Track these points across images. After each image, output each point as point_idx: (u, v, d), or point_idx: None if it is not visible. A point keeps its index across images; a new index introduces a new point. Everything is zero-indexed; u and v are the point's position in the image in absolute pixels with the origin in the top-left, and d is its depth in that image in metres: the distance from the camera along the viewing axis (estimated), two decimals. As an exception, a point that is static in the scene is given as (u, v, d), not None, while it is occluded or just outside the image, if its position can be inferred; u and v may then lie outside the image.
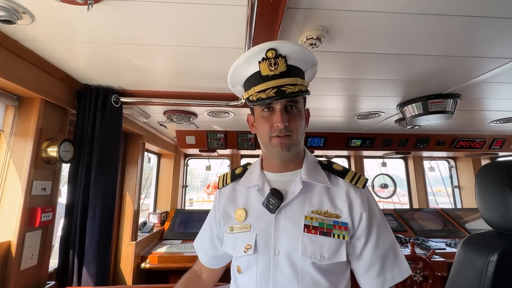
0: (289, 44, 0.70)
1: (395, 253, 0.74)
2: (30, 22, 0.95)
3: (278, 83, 0.69)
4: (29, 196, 1.25)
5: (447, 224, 2.96)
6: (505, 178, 0.66)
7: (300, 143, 0.78)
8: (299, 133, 0.74)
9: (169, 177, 3.16)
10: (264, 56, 0.70)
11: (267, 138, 0.74)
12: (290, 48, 0.70)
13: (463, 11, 0.88)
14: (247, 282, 0.75)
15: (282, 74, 0.69)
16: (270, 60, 0.69)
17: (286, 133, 0.72)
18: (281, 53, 0.69)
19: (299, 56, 0.71)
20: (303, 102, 0.78)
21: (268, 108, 0.74)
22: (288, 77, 0.69)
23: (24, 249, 1.22)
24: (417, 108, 1.70)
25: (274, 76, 0.70)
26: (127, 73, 1.40)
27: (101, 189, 1.49)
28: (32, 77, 1.22)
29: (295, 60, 0.72)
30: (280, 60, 0.69)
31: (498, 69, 1.29)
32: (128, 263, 2.05)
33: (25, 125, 1.28)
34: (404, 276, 0.72)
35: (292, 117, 0.72)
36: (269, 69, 0.70)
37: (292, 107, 0.73)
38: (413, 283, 1.85)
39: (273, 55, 0.69)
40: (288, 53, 0.70)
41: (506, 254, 0.62)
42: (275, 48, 0.69)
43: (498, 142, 2.89)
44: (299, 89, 0.69)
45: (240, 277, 0.78)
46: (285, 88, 0.69)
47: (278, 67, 0.69)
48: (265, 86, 0.70)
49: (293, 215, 0.74)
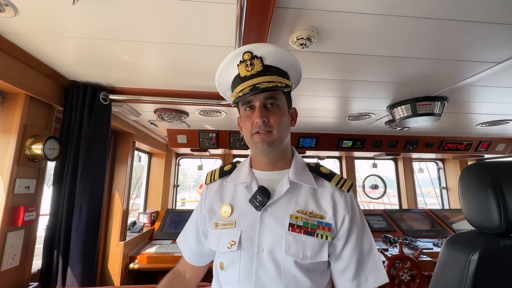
0: (264, 46, 0.74)
1: (372, 259, 0.76)
2: (14, 15, 0.92)
3: (255, 81, 0.73)
4: (12, 194, 1.21)
5: (434, 225, 3.02)
6: (487, 179, 0.68)
7: (283, 140, 0.79)
8: (280, 129, 0.76)
9: (160, 177, 3.12)
10: (241, 58, 0.74)
11: (249, 136, 0.77)
12: (264, 49, 0.73)
13: (449, 15, 0.90)
14: (230, 279, 0.76)
15: (258, 73, 0.73)
16: (246, 62, 0.74)
17: (266, 129, 0.74)
18: (257, 55, 0.73)
19: (275, 56, 0.74)
20: (284, 100, 0.79)
21: (250, 107, 0.77)
22: (264, 76, 0.73)
23: (6, 249, 1.18)
24: (406, 110, 1.73)
25: (251, 76, 0.74)
26: (116, 70, 1.38)
27: (88, 188, 1.46)
28: (16, 72, 1.18)
29: (272, 60, 0.75)
30: (256, 61, 0.73)
31: (483, 73, 1.33)
32: (116, 264, 2.01)
33: (8, 121, 1.24)
34: (380, 283, 0.74)
35: (272, 114, 0.75)
36: (246, 70, 0.74)
37: (272, 104, 0.76)
38: (400, 283, 1.88)
39: (249, 57, 0.73)
40: (263, 54, 0.74)
41: (487, 253, 0.63)
42: (250, 50, 0.73)
43: (484, 144, 2.97)
44: (274, 84, 0.72)
45: (222, 273, 0.78)
46: (260, 84, 0.72)
47: (254, 67, 0.74)
48: (243, 86, 0.74)
49: (279, 214, 0.75)
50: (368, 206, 6.65)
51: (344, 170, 3.60)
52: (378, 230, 2.84)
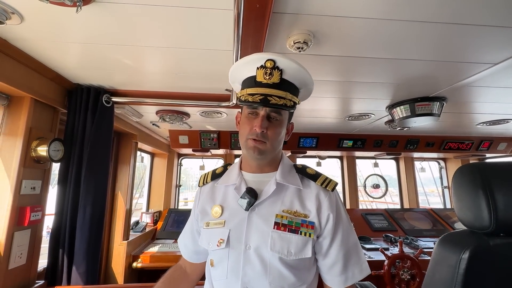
0: (288, 60, 0.74)
1: (357, 253, 0.80)
2: (19, 22, 0.95)
3: (267, 92, 0.74)
4: (18, 195, 1.25)
5: (436, 224, 3.02)
6: (477, 179, 0.69)
7: (274, 151, 0.82)
8: (274, 142, 0.79)
9: (162, 177, 3.16)
10: (263, 64, 0.75)
11: (244, 138, 0.79)
12: (288, 63, 0.74)
13: (447, 19, 0.91)
14: (219, 275, 0.80)
15: (274, 84, 0.74)
16: (266, 69, 0.74)
17: (262, 139, 0.76)
18: (279, 66, 0.74)
19: (294, 73, 0.76)
20: (287, 115, 0.82)
21: (254, 112, 0.79)
22: (278, 89, 0.74)
23: (13, 248, 1.22)
24: (405, 110, 1.73)
25: (267, 85, 0.74)
26: (118, 73, 1.41)
27: (91, 188, 1.49)
28: (21, 76, 1.22)
29: (290, 75, 0.76)
30: (276, 72, 0.74)
31: (481, 74, 1.33)
32: (119, 263, 2.05)
33: (15, 124, 1.28)
34: (364, 275, 0.78)
35: (272, 126, 0.77)
36: (264, 77, 0.75)
37: (275, 118, 0.78)
38: (401, 282, 1.90)
39: (271, 65, 0.74)
40: (285, 67, 0.75)
41: (477, 252, 0.65)
42: (274, 59, 0.74)
43: (486, 143, 2.96)
44: (283, 103, 0.74)
45: (212, 270, 0.82)
46: (271, 98, 0.73)
47: (272, 78, 0.74)
48: (255, 91, 0.75)
49: (265, 213, 0.79)
50: (370, 206, 6.64)
51: (345, 170, 3.61)
52: (379, 230, 2.85)
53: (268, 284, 0.73)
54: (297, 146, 2.87)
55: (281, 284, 0.74)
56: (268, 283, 0.73)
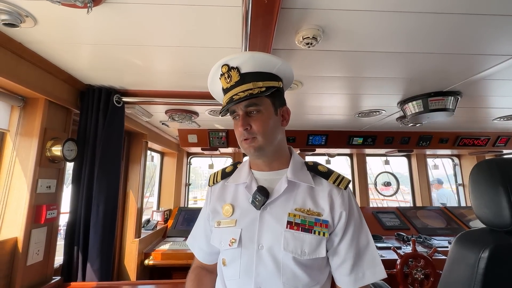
0: (238, 55, 0.75)
1: (370, 254, 0.77)
2: (33, 25, 0.98)
3: (232, 93, 0.76)
4: (35, 194, 1.28)
5: (450, 222, 2.94)
6: (496, 176, 0.66)
7: (271, 143, 0.79)
8: (264, 134, 0.77)
9: (172, 176, 3.20)
10: (221, 71, 0.77)
11: (239, 142, 0.80)
12: (239, 59, 0.75)
13: (461, 9, 0.88)
14: (231, 274, 0.79)
15: (236, 83, 0.76)
16: (225, 75, 0.77)
17: (250, 136, 0.76)
18: (232, 66, 0.75)
19: (251, 63, 0.75)
20: (269, 103, 0.79)
21: (235, 116, 0.80)
22: (241, 85, 0.75)
23: (30, 245, 1.26)
24: (418, 106, 1.69)
25: (231, 87, 0.76)
26: (129, 73, 1.43)
27: (104, 187, 1.53)
28: (36, 78, 1.25)
29: (249, 67, 0.76)
30: (233, 72, 0.76)
31: (498, 66, 1.28)
32: (132, 260, 2.09)
33: (30, 125, 1.32)
34: (377, 278, 0.75)
35: (254, 120, 0.77)
36: (226, 82, 0.77)
37: (253, 111, 0.77)
38: (414, 281, 1.86)
39: (226, 69, 0.76)
40: (239, 64, 0.75)
41: (497, 251, 0.62)
42: (226, 63, 0.76)
43: (503, 139, 2.86)
44: (249, 93, 0.74)
45: (225, 269, 0.82)
46: (236, 95, 0.74)
47: (232, 79, 0.76)
48: (225, 98, 0.78)
49: (278, 212, 0.77)
50: (381, 204, 6.53)
51: (355, 168, 3.56)
52: (391, 228, 2.79)
53: (282, 285, 0.72)
54: (306, 144, 2.85)
55: (295, 284, 0.73)
56: (282, 283, 0.72)
